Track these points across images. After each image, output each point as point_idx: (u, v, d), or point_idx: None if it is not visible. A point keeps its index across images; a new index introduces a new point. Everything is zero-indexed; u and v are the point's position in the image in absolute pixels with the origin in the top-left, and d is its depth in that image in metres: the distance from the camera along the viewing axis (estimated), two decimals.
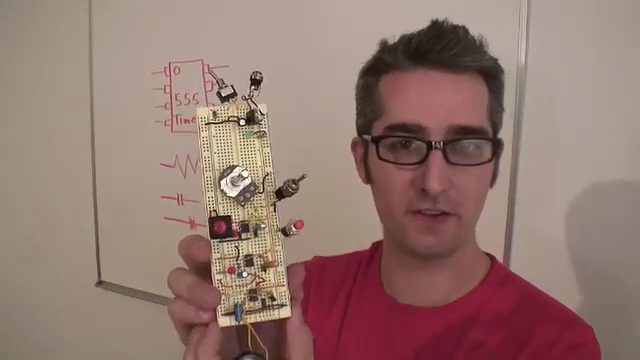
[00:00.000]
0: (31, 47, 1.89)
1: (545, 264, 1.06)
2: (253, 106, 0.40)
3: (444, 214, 0.59)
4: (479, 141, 0.60)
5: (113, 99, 1.70)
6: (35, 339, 2.04)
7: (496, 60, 0.63)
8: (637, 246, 1.01)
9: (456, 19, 0.62)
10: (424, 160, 0.58)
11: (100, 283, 1.83)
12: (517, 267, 0.72)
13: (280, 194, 0.40)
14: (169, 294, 0.42)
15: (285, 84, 1.24)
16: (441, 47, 0.58)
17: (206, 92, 1.49)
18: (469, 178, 0.60)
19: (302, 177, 0.40)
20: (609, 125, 1.02)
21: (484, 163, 0.60)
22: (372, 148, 0.62)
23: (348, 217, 1.23)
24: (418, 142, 0.58)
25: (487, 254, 0.71)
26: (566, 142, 1.06)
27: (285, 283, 0.40)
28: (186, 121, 1.56)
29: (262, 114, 0.40)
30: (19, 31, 1.91)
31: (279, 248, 0.40)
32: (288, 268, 0.41)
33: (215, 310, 0.39)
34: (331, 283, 0.76)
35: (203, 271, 0.40)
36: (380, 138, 0.61)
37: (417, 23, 0.63)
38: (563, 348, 0.58)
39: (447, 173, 0.57)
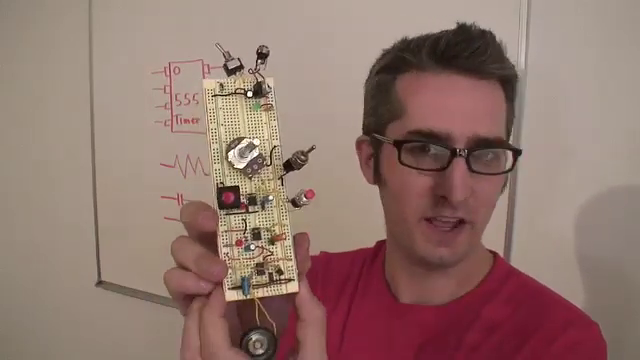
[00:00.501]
0: (31, 47, 1.89)
1: (545, 264, 1.06)
2: (260, 79, 0.40)
3: (460, 223, 0.59)
4: (500, 150, 0.59)
5: (113, 99, 1.70)
6: (35, 339, 2.04)
7: (514, 67, 0.62)
8: (637, 246, 1.01)
9: (456, 19, 0.61)
10: (446, 167, 0.57)
11: (100, 283, 1.83)
12: (517, 267, 0.72)
13: (289, 166, 0.40)
14: (169, 294, 0.42)
15: (285, 84, 1.24)
16: (470, 52, 0.57)
17: None
18: (488, 186, 0.59)
19: (312, 148, 0.39)
20: (609, 125, 1.02)
21: (504, 172, 0.60)
22: (389, 150, 0.61)
23: (348, 217, 1.23)
24: (440, 148, 0.57)
25: (490, 251, 0.71)
26: (566, 142, 1.06)
27: (293, 257, 0.39)
28: (186, 121, 1.56)
29: (269, 87, 0.40)
30: (19, 31, 1.91)
31: (286, 222, 0.40)
32: (294, 237, 0.40)
33: (219, 282, 0.38)
34: (335, 281, 0.76)
35: (205, 239, 0.39)
36: (403, 142, 0.59)
37: (417, 23, 0.62)
38: (562, 345, 0.57)
39: (469, 182, 0.57)
